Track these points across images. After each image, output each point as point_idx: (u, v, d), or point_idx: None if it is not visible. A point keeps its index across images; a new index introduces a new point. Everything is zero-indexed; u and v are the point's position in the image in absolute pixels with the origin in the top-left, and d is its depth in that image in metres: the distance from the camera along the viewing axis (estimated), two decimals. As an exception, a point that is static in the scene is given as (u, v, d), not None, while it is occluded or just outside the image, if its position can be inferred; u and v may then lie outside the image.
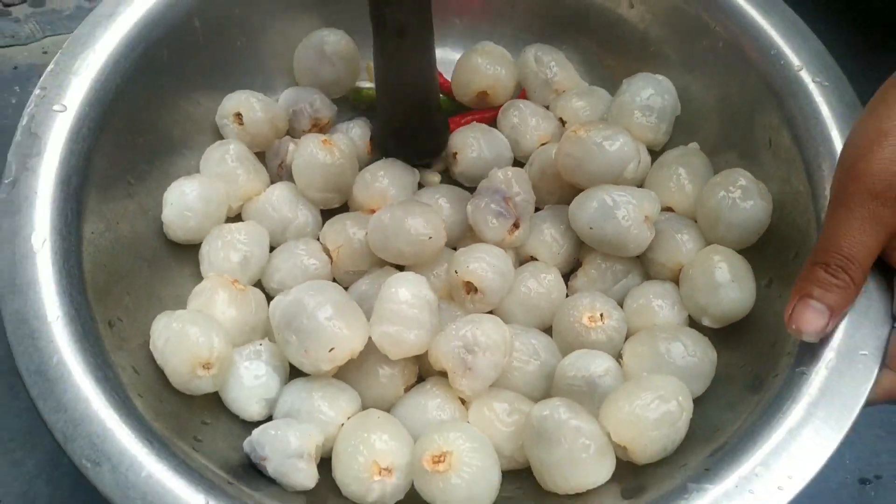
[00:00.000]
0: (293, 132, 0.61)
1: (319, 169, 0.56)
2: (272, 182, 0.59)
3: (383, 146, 0.60)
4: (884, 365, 0.43)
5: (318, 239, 0.57)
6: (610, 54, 0.64)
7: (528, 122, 0.61)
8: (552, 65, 0.63)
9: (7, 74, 0.69)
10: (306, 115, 0.60)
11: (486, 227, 0.53)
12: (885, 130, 0.42)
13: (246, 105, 0.58)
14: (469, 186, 0.59)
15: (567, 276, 0.56)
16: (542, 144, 0.60)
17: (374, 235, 0.53)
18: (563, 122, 0.62)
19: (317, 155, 0.56)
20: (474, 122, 0.62)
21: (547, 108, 0.64)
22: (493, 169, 0.55)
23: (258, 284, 0.56)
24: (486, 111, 0.64)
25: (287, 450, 0.45)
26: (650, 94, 0.59)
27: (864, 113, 0.44)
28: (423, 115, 0.58)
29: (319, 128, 0.61)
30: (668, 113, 0.60)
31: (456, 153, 0.60)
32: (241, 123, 0.58)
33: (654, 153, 0.60)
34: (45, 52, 0.71)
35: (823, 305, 0.43)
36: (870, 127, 0.43)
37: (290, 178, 0.58)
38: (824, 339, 0.44)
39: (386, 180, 0.57)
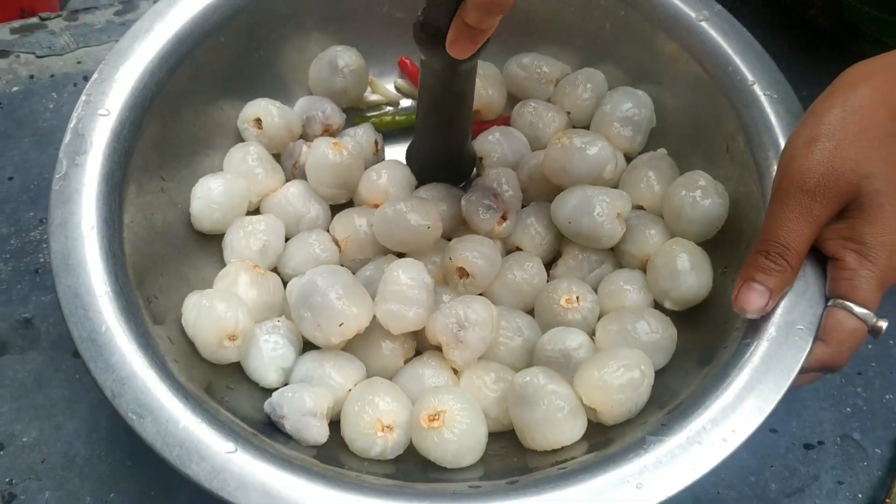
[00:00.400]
0: (306, 136, 0.67)
1: (330, 168, 0.62)
2: (287, 180, 0.65)
3: (422, 175, 0.64)
4: (817, 338, 0.48)
5: (328, 230, 0.62)
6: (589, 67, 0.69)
7: (544, 116, 0.67)
8: (536, 63, 0.69)
9: (45, 82, 0.75)
10: (318, 122, 0.66)
11: (478, 219, 0.59)
12: (815, 137, 0.48)
13: (265, 111, 0.64)
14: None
15: (548, 264, 0.62)
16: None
17: (378, 226, 0.59)
18: (569, 113, 0.67)
19: (328, 155, 0.62)
20: (493, 126, 0.67)
21: (548, 100, 0.69)
22: (488, 170, 0.61)
23: (274, 270, 0.61)
24: (503, 119, 0.70)
25: (303, 409, 0.51)
26: (629, 107, 0.65)
27: (799, 122, 0.50)
28: (461, 150, 0.64)
29: (330, 132, 0.67)
30: (643, 125, 0.65)
31: (482, 158, 0.65)
32: (260, 127, 0.64)
33: (628, 157, 0.66)
34: (79, 62, 0.76)
35: (764, 287, 0.48)
36: (802, 134, 0.49)
37: (303, 176, 0.64)
38: (766, 316, 0.49)
39: (388, 179, 0.63)
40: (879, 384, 0.63)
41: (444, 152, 0.63)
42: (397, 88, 0.74)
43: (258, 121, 0.65)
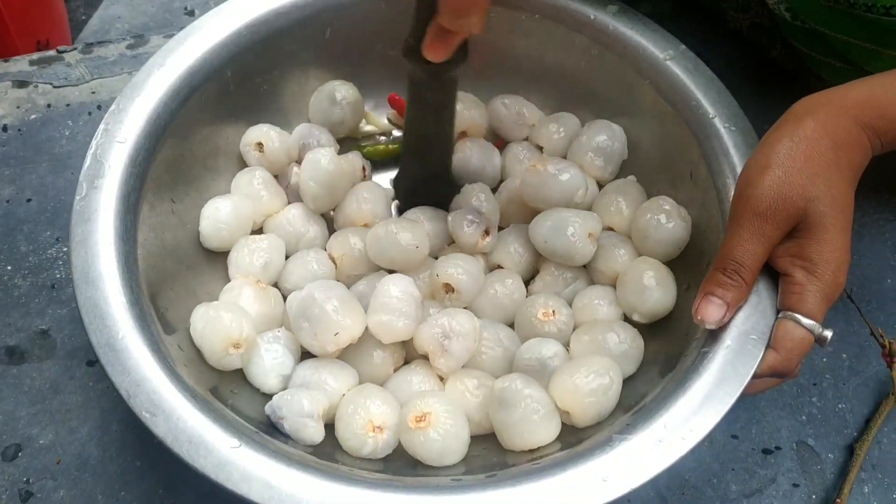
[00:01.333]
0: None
1: (322, 168, 0.65)
2: (289, 202, 0.70)
3: (404, 198, 0.69)
4: (769, 346, 0.53)
5: (325, 248, 0.67)
6: (567, 103, 0.75)
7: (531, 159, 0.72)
8: (517, 105, 0.74)
9: (62, 111, 0.80)
10: (314, 148, 0.72)
11: (463, 233, 0.64)
12: (766, 165, 0.52)
13: (266, 136, 0.69)
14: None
15: (527, 281, 0.66)
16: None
17: (371, 245, 0.64)
18: (540, 148, 0.73)
19: (322, 156, 0.66)
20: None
21: (525, 139, 0.75)
22: (466, 185, 0.67)
23: (275, 286, 0.66)
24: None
25: (300, 411, 0.55)
26: (604, 139, 0.70)
27: (754, 152, 0.55)
28: (441, 175, 0.69)
29: None
30: (615, 156, 0.70)
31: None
32: (261, 151, 0.69)
33: (600, 184, 0.71)
34: (94, 93, 0.81)
35: (722, 301, 0.53)
36: (756, 162, 0.53)
37: (297, 198, 0.69)
38: (723, 327, 0.53)
39: (372, 202, 0.68)
40: (833, 394, 0.67)
41: (426, 175, 0.68)
42: (389, 120, 0.79)
43: (260, 144, 0.69)
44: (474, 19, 0.54)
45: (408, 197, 0.70)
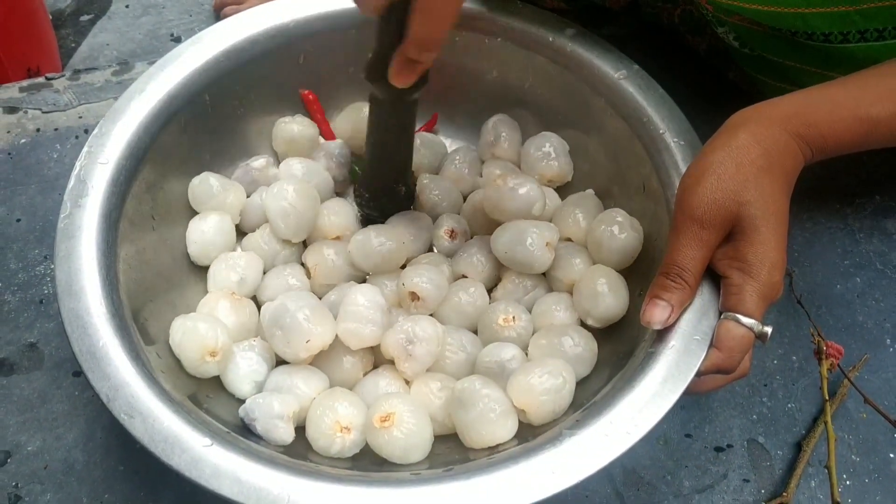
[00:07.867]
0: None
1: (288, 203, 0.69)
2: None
3: (365, 206, 0.73)
4: (711, 345, 0.56)
5: (301, 261, 0.71)
6: (526, 121, 0.79)
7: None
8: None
9: (50, 135, 0.83)
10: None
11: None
12: (702, 173, 0.56)
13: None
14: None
15: (490, 289, 0.70)
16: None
17: (354, 249, 0.68)
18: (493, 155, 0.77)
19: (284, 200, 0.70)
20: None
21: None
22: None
23: (254, 299, 0.69)
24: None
25: (271, 412, 0.58)
26: (544, 144, 0.75)
27: (691, 163, 0.59)
28: (400, 187, 0.72)
29: None
30: (559, 151, 0.75)
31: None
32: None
33: (562, 191, 0.75)
34: (81, 117, 0.84)
35: (666, 302, 0.56)
36: (692, 172, 0.57)
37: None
38: (669, 328, 0.56)
39: (342, 216, 0.72)
40: (782, 394, 0.70)
41: (386, 186, 0.72)
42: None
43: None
44: (438, 50, 0.58)
45: (368, 205, 0.73)
